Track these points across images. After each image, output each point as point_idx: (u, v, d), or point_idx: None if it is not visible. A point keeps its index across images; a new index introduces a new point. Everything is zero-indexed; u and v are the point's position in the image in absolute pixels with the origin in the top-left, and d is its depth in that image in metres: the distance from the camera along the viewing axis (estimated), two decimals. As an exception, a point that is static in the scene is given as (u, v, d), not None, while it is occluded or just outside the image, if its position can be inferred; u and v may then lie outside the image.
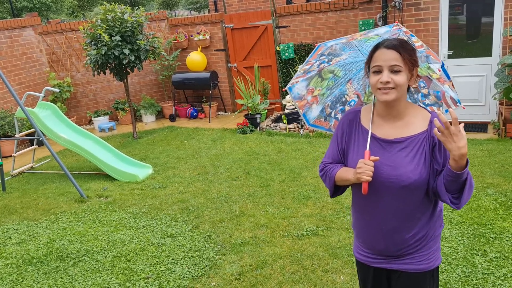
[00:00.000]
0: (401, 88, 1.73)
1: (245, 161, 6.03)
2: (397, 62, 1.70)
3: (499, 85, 5.97)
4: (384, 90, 1.72)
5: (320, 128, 2.22)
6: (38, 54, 8.64)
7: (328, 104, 2.17)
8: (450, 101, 1.98)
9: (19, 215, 4.92)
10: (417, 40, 1.88)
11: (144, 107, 9.04)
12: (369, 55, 1.79)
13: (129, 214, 4.70)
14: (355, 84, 2.14)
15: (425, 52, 1.88)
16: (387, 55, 1.71)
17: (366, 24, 7.14)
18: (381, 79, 1.71)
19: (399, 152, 1.77)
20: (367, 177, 1.71)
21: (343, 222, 4.08)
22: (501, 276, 3.13)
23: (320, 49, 2.04)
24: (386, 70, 1.71)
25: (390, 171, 1.76)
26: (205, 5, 29.91)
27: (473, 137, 6.12)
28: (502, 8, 6.20)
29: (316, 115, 2.18)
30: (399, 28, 1.86)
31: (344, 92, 2.16)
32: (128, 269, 3.63)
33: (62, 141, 5.95)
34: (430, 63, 1.92)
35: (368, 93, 2.16)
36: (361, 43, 1.95)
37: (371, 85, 1.77)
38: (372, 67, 1.76)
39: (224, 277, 3.41)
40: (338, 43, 1.99)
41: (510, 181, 4.61)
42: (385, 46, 1.72)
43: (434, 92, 2.00)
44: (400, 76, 1.71)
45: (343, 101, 2.17)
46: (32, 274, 3.66)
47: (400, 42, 1.73)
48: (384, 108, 1.81)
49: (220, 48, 9.02)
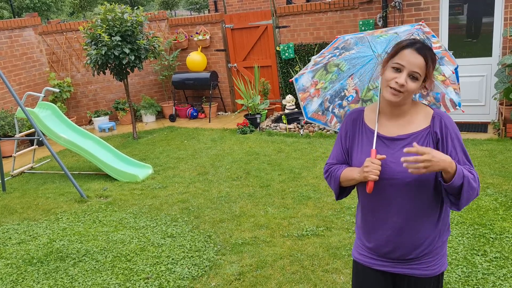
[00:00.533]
0: (410, 95, 1.74)
1: (245, 161, 6.03)
2: (419, 70, 1.68)
3: (499, 85, 5.97)
4: (394, 91, 1.70)
5: (316, 121, 2.19)
6: (38, 54, 8.64)
7: (327, 97, 2.15)
8: (450, 103, 1.97)
9: (19, 215, 4.92)
10: (437, 41, 1.85)
11: (144, 107, 9.04)
12: (395, 49, 1.74)
13: (129, 214, 4.70)
14: (356, 79, 2.12)
15: (441, 53, 1.86)
16: (414, 59, 1.68)
17: (366, 24, 7.14)
18: (398, 79, 1.68)
19: (403, 148, 1.76)
20: (374, 176, 1.70)
21: (343, 222, 4.09)
22: (501, 276, 3.13)
23: (337, 42, 2.00)
24: (405, 72, 1.68)
25: (394, 168, 1.75)
26: (205, 5, 29.90)
27: (473, 137, 6.12)
28: (502, 8, 6.20)
29: (315, 109, 2.16)
30: (420, 28, 1.82)
31: (344, 87, 2.13)
32: (128, 269, 3.63)
33: (62, 141, 5.95)
34: (442, 64, 1.90)
35: (367, 89, 2.14)
36: (373, 38, 1.92)
37: (384, 79, 1.74)
38: (393, 62, 1.71)
39: (224, 277, 3.41)
40: (354, 37, 1.96)
41: (510, 181, 4.61)
42: (416, 49, 1.69)
43: (433, 94, 1.99)
44: (415, 84, 1.70)
45: (342, 96, 2.15)
46: (32, 274, 3.66)
47: (430, 50, 1.71)
48: (388, 106, 1.81)
49: (220, 48, 9.02)
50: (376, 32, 1.85)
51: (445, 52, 1.86)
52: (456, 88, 1.95)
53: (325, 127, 2.26)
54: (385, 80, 1.74)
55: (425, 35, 1.83)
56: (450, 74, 1.91)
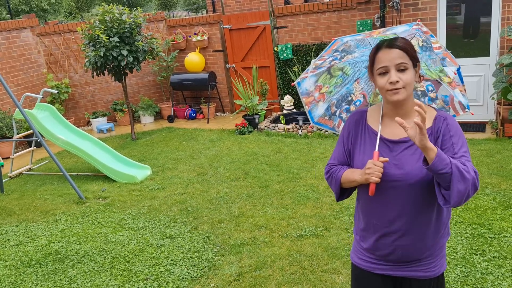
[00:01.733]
0: (409, 87, 1.70)
1: (244, 162, 6.03)
2: (403, 60, 1.67)
3: (497, 85, 5.98)
4: (394, 91, 1.69)
5: (324, 126, 2.17)
6: (36, 56, 8.63)
7: (334, 102, 2.12)
8: (459, 106, 1.93)
9: (18, 216, 4.91)
10: (436, 41, 1.83)
11: (142, 108, 9.04)
12: (370, 58, 1.75)
13: (127, 215, 4.69)
14: (363, 83, 2.09)
15: (442, 54, 1.83)
16: (391, 54, 1.67)
17: (364, 24, 7.15)
18: (390, 79, 1.67)
19: (405, 150, 1.75)
20: (376, 178, 1.68)
21: (342, 223, 4.09)
22: (500, 275, 3.14)
23: (335, 44, 1.98)
24: (393, 69, 1.68)
25: (396, 170, 1.73)
26: (203, 6, 29.90)
27: (471, 137, 6.14)
28: (500, 8, 6.22)
29: (321, 113, 2.13)
30: (418, 27, 1.81)
31: (351, 91, 2.11)
32: (127, 270, 3.63)
33: (60, 143, 5.94)
34: (445, 65, 1.87)
35: (375, 94, 2.11)
36: (375, 41, 1.90)
37: (379, 88, 1.73)
38: (377, 69, 1.71)
39: (223, 278, 3.41)
40: (353, 39, 1.94)
41: (508, 181, 4.62)
42: (386, 46, 1.69)
43: (442, 96, 1.96)
44: (408, 74, 1.68)
45: (349, 100, 2.12)
46: (30, 276, 3.65)
47: (400, 39, 1.70)
48: (392, 108, 1.79)
49: (218, 49, 9.02)
50: (374, 33, 1.83)
51: (446, 52, 1.83)
52: (462, 90, 1.91)
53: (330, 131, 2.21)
54: (381, 89, 1.73)
55: (424, 35, 1.81)
56: (453, 75, 1.88)
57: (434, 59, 1.87)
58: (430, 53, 1.85)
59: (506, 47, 6.24)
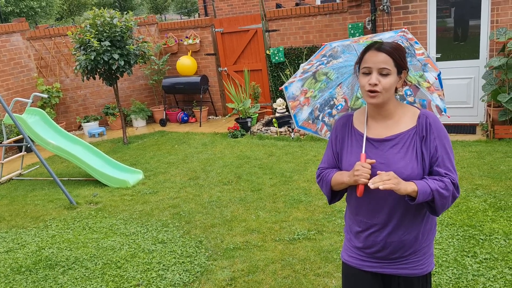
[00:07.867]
0: (387, 92, 1.76)
1: (236, 165, 6.01)
2: (386, 65, 1.73)
3: (487, 87, 6.04)
4: (371, 94, 1.75)
5: (307, 130, 2.23)
6: (26, 60, 8.56)
7: (317, 106, 2.18)
8: (435, 110, 2.01)
9: (7, 223, 4.85)
10: (420, 47, 1.89)
11: (134, 112, 8.99)
12: (360, 55, 1.81)
13: (119, 220, 4.66)
14: (345, 88, 2.15)
15: (424, 60, 1.89)
16: (378, 57, 1.73)
17: (355, 27, 7.18)
18: (370, 80, 1.74)
19: (391, 149, 1.80)
20: (364, 180, 1.73)
21: (335, 226, 4.09)
22: (491, 277, 3.15)
23: (324, 50, 2.04)
24: (375, 72, 1.74)
25: (383, 169, 1.77)
26: (195, 10, 29.90)
27: (462, 139, 6.18)
28: (489, 11, 6.28)
29: (305, 117, 2.20)
30: (403, 34, 1.87)
31: (333, 96, 2.17)
32: (118, 276, 3.59)
33: (51, 147, 5.89)
34: (426, 71, 1.94)
35: (355, 98, 2.17)
36: (360, 47, 1.96)
37: (360, 87, 1.80)
38: (362, 68, 1.78)
39: (215, 283, 3.39)
40: (341, 45, 2.00)
41: (499, 183, 4.65)
42: (375, 48, 1.75)
43: (420, 101, 2.03)
44: (388, 79, 1.74)
45: (331, 105, 2.19)
46: (20, 283, 3.61)
47: (391, 44, 1.76)
48: (374, 109, 1.85)
49: (210, 52, 9.02)
50: (361, 39, 1.89)
51: (428, 58, 1.90)
52: (440, 94, 1.99)
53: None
54: (361, 87, 1.80)
55: (408, 42, 1.87)
56: (433, 80, 1.95)
57: (415, 64, 1.94)
58: (412, 59, 1.91)
59: (496, 50, 6.30)
